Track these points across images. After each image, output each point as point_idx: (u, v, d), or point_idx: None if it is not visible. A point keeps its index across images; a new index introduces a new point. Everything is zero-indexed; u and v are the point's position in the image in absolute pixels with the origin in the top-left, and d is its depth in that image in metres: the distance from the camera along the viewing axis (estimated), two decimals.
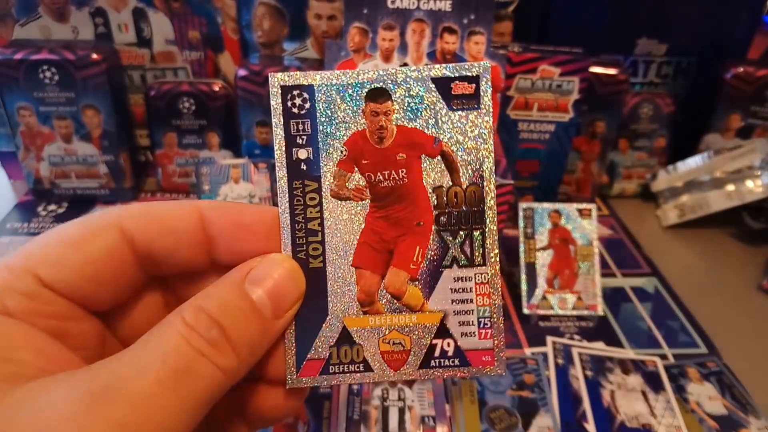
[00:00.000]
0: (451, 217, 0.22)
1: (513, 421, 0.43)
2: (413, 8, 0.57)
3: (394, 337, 0.22)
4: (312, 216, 0.21)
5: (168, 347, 0.17)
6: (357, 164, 0.21)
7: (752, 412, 0.45)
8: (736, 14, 0.73)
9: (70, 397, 0.16)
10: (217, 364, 0.18)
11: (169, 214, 0.21)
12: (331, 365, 0.22)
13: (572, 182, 0.72)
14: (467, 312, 0.22)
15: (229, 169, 0.62)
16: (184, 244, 0.21)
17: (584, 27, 0.72)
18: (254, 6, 0.65)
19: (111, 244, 0.19)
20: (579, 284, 0.55)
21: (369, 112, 0.21)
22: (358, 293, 0.22)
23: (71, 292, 0.19)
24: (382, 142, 0.21)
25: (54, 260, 0.19)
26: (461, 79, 0.21)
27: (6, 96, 0.62)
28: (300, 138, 0.21)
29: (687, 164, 0.72)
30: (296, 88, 0.21)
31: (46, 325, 0.18)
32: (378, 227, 0.22)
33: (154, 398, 0.16)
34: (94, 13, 0.65)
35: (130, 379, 0.16)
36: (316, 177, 0.21)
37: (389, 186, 0.22)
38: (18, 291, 0.18)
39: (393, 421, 0.43)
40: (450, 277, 0.22)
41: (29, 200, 0.69)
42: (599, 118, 0.68)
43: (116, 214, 0.20)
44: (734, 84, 0.71)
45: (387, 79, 0.21)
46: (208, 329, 0.18)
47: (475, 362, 0.22)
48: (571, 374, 0.48)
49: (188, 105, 0.67)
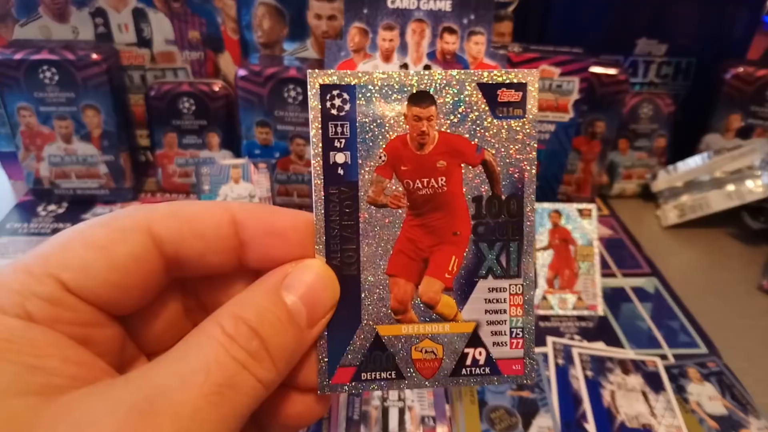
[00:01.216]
0: (489, 227, 0.21)
1: (513, 422, 0.43)
2: (413, 8, 0.57)
3: (427, 346, 0.21)
4: (347, 222, 0.21)
5: (210, 358, 0.17)
6: (396, 170, 0.21)
7: (752, 412, 0.45)
8: (735, 14, 0.73)
9: (113, 412, 0.15)
10: (258, 377, 0.17)
11: (200, 216, 0.19)
12: (363, 372, 0.21)
13: (572, 182, 0.72)
14: (500, 322, 0.22)
15: (229, 169, 0.62)
16: (215, 248, 0.20)
17: (584, 27, 0.72)
18: (254, 6, 0.65)
19: (139, 249, 0.18)
20: (579, 284, 0.55)
21: (411, 116, 0.20)
22: (391, 301, 0.21)
23: (96, 298, 0.18)
24: (422, 149, 0.21)
25: (78, 265, 0.17)
26: (508, 86, 0.20)
27: (6, 96, 0.62)
28: (338, 141, 0.20)
29: (687, 164, 0.72)
30: (336, 88, 0.20)
31: (70, 331, 0.17)
32: (414, 235, 0.21)
33: (200, 413, 0.16)
34: (94, 14, 0.65)
35: (173, 392, 0.16)
36: (353, 182, 0.21)
37: (427, 194, 0.21)
38: (40, 296, 0.17)
39: (393, 422, 0.43)
40: (485, 288, 0.22)
41: (29, 200, 0.69)
42: (599, 118, 0.68)
43: (144, 216, 0.19)
44: (734, 84, 0.71)
45: (432, 83, 0.20)
46: (249, 340, 0.17)
47: (506, 370, 0.22)
48: (572, 374, 0.48)
49: (188, 105, 0.67)
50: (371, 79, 0.20)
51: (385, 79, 0.20)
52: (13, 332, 0.16)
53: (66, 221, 0.66)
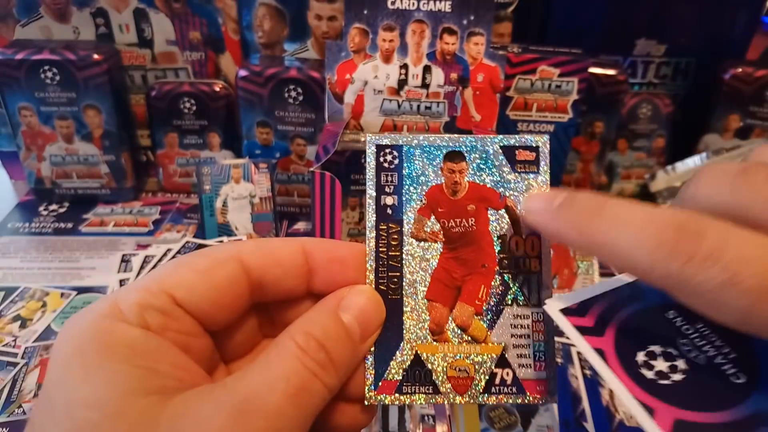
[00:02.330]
0: (512, 261, 0.25)
1: (512, 420, 0.44)
2: (413, 9, 0.57)
3: (460, 365, 0.24)
4: (393, 254, 0.25)
5: (289, 368, 0.20)
6: (434, 212, 0.25)
7: None
8: (735, 14, 0.73)
9: (220, 411, 0.18)
10: (325, 383, 0.21)
11: (279, 248, 0.24)
12: (404, 385, 0.24)
13: (571, 182, 0.72)
14: (525, 346, 0.24)
15: (230, 169, 0.63)
16: (291, 274, 0.24)
17: (583, 28, 0.73)
18: (255, 7, 0.65)
19: (233, 274, 0.22)
20: (578, 284, 0.56)
21: (446, 169, 0.25)
22: (429, 323, 0.24)
23: (197, 312, 0.22)
24: (455, 195, 0.25)
25: (186, 284, 0.21)
26: (524, 148, 0.25)
27: (7, 96, 0.62)
28: (388, 187, 0.25)
29: (686, 164, 0.72)
30: (388, 147, 0.25)
31: (176, 339, 0.21)
32: (449, 266, 0.25)
33: (284, 412, 0.19)
34: (95, 14, 0.65)
35: (264, 395, 0.19)
36: (399, 220, 0.25)
37: (460, 232, 0.25)
38: (155, 308, 0.20)
39: (393, 420, 0.43)
40: (510, 314, 0.25)
41: (30, 200, 0.70)
42: (598, 118, 0.68)
43: (236, 249, 0.23)
44: (733, 84, 0.71)
45: (463, 145, 0.25)
46: (317, 352, 0.21)
47: (531, 391, 0.24)
48: (570, 373, 0.48)
49: (189, 105, 0.67)
50: (416, 141, 0.25)
51: (427, 141, 0.25)
52: (135, 340, 0.19)
53: (67, 221, 0.66)
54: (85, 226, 0.66)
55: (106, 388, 0.18)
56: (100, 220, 0.67)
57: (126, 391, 0.18)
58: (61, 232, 0.64)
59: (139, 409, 0.18)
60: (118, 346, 0.19)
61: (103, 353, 0.19)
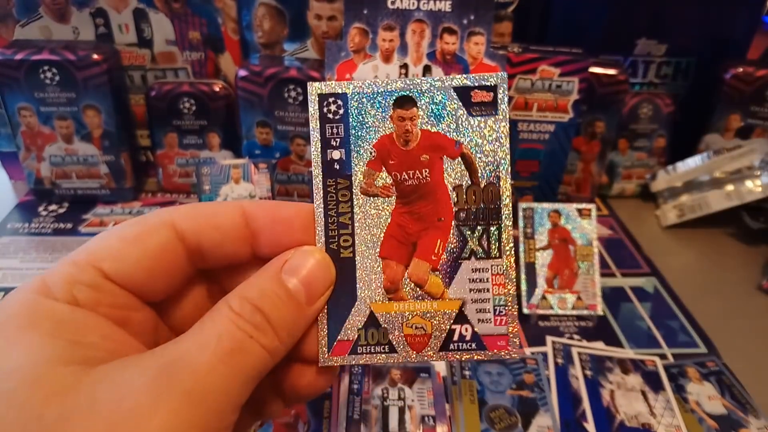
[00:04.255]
0: (470, 213, 0.24)
1: (513, 421, 0.44)
2: (413, 9, 0.57)
3: (417, 322, 0.24)
4: (343, 211, 0.23)
5: (221, 329, 0.20)
6: (384, 164, 0.23)
7: (752, 411, 0.46)
8: (735, 14, 0.73)
9: (143, 373, 0.18)
10: (262, 344, 0.20)
11: (216, 212, 0.23)
12: (359, 346, 0.23)
13: (572, 182, 0.72)
14: (484, 300, 0.24)
15: (230, 170, 0.62)
16: (230, 238, 0.23)
17: (584, 27, 0.73)
18: (255, 7, 0.65)
19: (165, 240, 0.21)
20: (578, 284, 0.56)
21: (396, 117, 0.23)
22: (384, 281, 0.24)
23: (130, 283, 0.21)
24: (407, 145, 0.23)
25: (115, 255, 0.21)
26: (480, 88, 0.23)
27: (7, 96, 0.62)
28: (334, 140, 0.23)
29: (686, 164, 0.72)
30: (331, 96, 0.23)
31: (109, 313, 0.20)
32: (403, 222, 0.24)
33: (215, 370, 0.19)
34: (94, 14, 0.65)
35: (192, 355, 0.19)
36: (348, 175, 0.23)
37: (413, 184, 0.24)
38: (84, 283, 0.20)
39: (393, 421, 0.43)
40: (468, 268, 0.24)
41: (30, 200, 0.69)
42: (599, 118, 0.68)
43: (168, 214, 0.22)
44: (734, 84, 0.71)
45: (413, 88, 0.23)
46: (252, 314, 0.20)
47: (491, 346, 0.24)
48: (571, 374, 0.48)
49: (189, 105, 0.67)
50: (361, 87, 0.23)
51: (373, 86, 0.23)
52: (62, 315, 0.19)
53: (67, 221, 0.66)
54: (85, 227, 0.65)
55: (27, 358, 0.17)
56: (99, 221, 0.67)
57: (46, 359, 0.18)
58: (61, 232, 0.64)
59: (58, 376, 0.17)
60: (41, 320, 0.18)
61: (26, 327, 0.18)
